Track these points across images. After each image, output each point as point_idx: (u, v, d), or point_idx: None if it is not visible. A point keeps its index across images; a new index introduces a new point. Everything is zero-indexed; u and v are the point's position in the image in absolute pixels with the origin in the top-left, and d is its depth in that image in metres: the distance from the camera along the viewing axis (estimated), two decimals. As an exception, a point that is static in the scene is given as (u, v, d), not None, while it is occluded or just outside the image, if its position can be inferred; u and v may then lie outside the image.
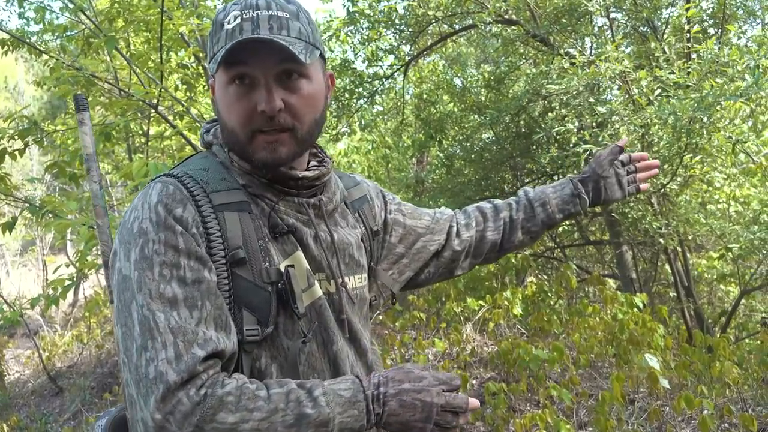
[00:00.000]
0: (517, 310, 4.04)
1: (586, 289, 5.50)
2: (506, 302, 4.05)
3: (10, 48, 4.72)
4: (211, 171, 0.98)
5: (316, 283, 1.00)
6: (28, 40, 4.52)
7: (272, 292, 0.93)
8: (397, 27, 5.95)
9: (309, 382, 0.89)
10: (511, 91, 5.97)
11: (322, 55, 1.01)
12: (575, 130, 4.18)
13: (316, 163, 1.09)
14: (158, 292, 0.84)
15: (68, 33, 4.87)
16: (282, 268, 0.95)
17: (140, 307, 0.84)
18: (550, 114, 5.07)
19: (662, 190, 4.13)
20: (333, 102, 5.99)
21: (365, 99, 6.15)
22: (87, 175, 1.08)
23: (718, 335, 4.20)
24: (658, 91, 3.71)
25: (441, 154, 6.67)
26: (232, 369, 0.91)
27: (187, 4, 4.54)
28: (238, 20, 0.92)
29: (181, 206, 0.90)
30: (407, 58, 6.11)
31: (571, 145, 4.22)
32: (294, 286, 0.93)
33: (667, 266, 4.93)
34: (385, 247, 1.24)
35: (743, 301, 4.70)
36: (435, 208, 4.79)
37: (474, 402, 0.95)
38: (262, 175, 0.99)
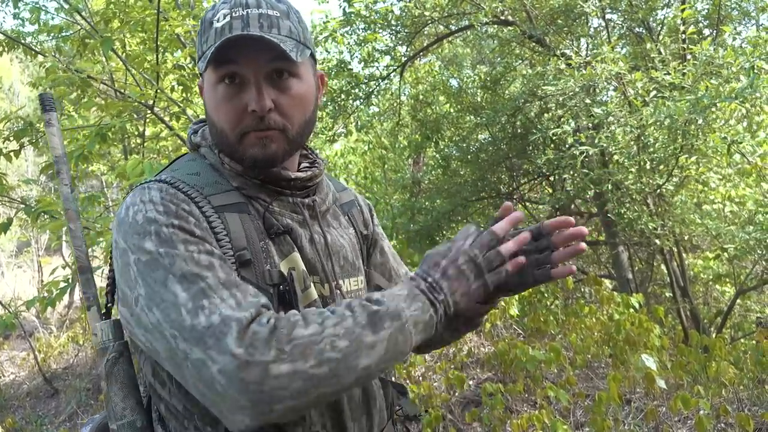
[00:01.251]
0: (514, 310, 4.04)
1: (583, 289, 5.51)
2: (503, 302, 4.05)
3: (5, 49, 4.71)
4: (202, 175, 0.96)
5: (312, 285, 0.98)
6: (23, 41, 4.50)
7: (274, 294, 0.91)
8: (393, 28, 5.96)
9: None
10: (507, 91, 5.99)
11: (312, 56, 1.01)
12: (571, 131, 4.19)
13: (307, 165, 1.08)
14: (193, 260, 0.81)
15: (64, 33, 4.84)
16: (283, 269, 0.93)
17: (181, 277, 0.80)
18: (546, 115, 5.08)
19: (658, 190, 4.15)
20: (329, 103, 5.98)
21: (361, 100, 6.16)
22: (57, 177, 1.05)
23: (713, 335, 4.22)
24: (654, 92, 3.72)
25: (437, 155, 6.67)
26: None
27: (181, 3, 4.53)
28: (228, 18, 0.90)
29: (185, 204, 0.88)
30: (403, 59, 6.11)
31: (567, 146, 4.23)
32: (296, 288, 0.93)
33: (663, 266, 4.95)
34: (370, 262, 1.22)
35: (738, 301, 4.72)
36: (432, 210, 4.70)
37: (504, 224, 0.93)
38: (254, 175, 0.98)
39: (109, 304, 1.02)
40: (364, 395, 1.05)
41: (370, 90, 6.08)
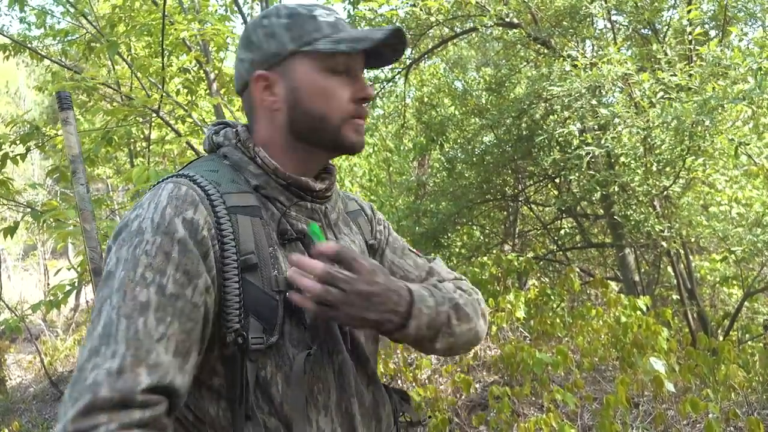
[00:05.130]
0: (520, 313, 4.02)
1: (589, 291, 5.49)
2: (509, 305, 4.04)
3: (12, 53, 4.73)
4: (220, 173, 0.96)
5: None
6: (29, 45, 4.52)
7: (280, 300, 0.91)
8: (398, 30, 5.94)
9: None
10: (512, 93, 5.97)
11: None
12: (577, 132, 4.18)
13: (324, 172, 1.08)
14: (133, 294, 0.81)
15: (70, 38, 4.87)
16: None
17: (111, 309, 0.80)
18: (551, 116, 5.06)
19: (665, 192, 4.13)
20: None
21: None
22: (73, 177, 1.04)
23: (720, 338, 4.19)
24: (661, 93, 3.71)
25: (442, 158, 6.66)
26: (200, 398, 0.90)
27: (187, 7, 4.54)
28: (332, 17, 0.98)
29: (192, 208, 0.87)
30: (408, 62, 6.11)
31: (573, 148, 4.22)
32: None
33: (669, 269, 4.92)
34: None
35: (746, 303, 4.68)
36: (437, 213, 4.68)
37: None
38: (283, 178, 0.98)
39: None
40: (374, 400, 1.04)
41: (375, 92, 6.07)
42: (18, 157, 3.69)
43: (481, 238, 6.68)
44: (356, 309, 0.88)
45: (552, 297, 4.35)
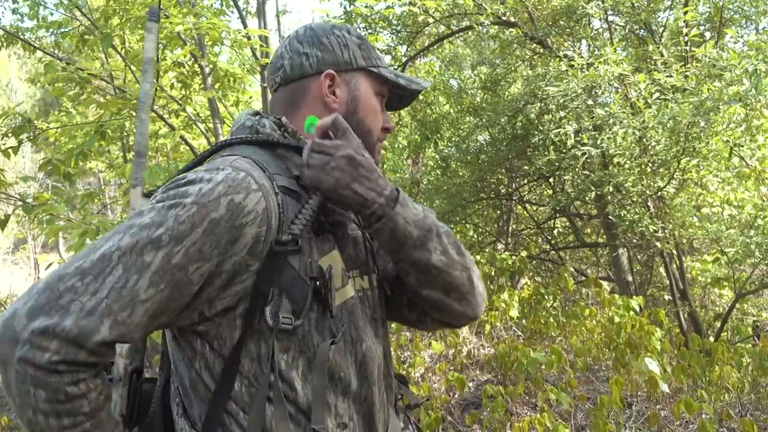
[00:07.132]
0: (514, 312, 4.02)
1: (582, 291, 5.50)
2: (503, 304, 4.04)
3: (4, 44, 4.68)
4: (265, 157, 0.98)
5: (350, 282, 1.01)
6: (22, 37, 4.47)
7: (310, 287, 0.93)
8: (394, 27, 5.94)
9: None
10: (507, 92, 5.98)
11: None
12: (573, 132, 4.18)
13: None
14: (142, 251, 0.82)
15: (63, 29, 4.82)
16: (322, 264, 0.96)
17: (117, 248, 0.82)
18: (546, 116, 5.07)
19: (659, 193, 4.14)
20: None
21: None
22: (142, 75, 1.12)
23: (711, 339, 4.21)
24: (656, 94, 3.72)
25: (436, 156, 6.66)
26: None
27: (182, 1, 4.51)
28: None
29: (244, 192, 0.88)
30: (404, 59, 6.09)
31: (568, 148, 4.23)
32: (331, 285, 0.95)
33: (661, 269, 4.94)
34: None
35: (736, 305, 4.71)
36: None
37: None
38: None
39: None
40: (390, 388, 1.10)
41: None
42: (10, 150, 3.65)
43: (475, 236, 6.68)
44: (344, 175, 0.93)
45: (546, 296, 4.35)
